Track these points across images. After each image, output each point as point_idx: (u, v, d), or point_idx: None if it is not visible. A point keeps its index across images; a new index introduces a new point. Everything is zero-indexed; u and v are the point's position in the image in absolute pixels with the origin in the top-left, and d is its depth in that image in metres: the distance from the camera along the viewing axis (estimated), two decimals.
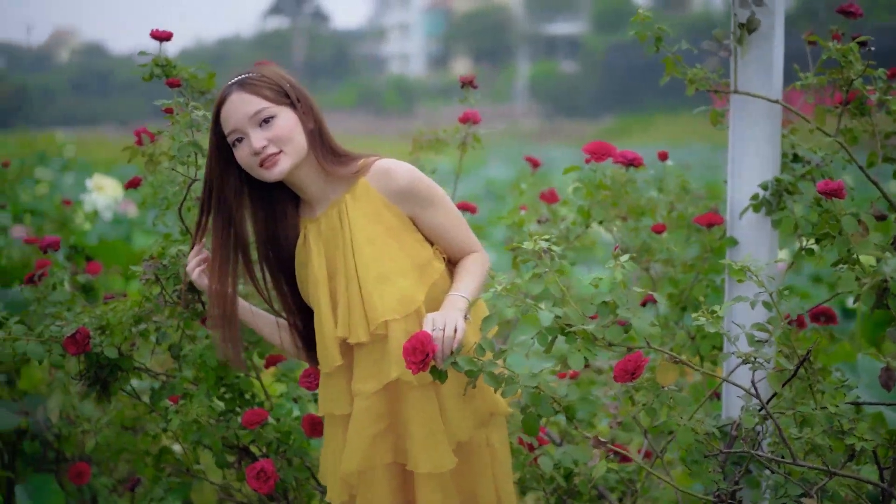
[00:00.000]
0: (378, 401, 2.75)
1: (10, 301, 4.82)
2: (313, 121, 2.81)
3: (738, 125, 3.09)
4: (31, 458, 4.65)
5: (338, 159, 2.83)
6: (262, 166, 2.72)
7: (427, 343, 2.49)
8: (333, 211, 2.81)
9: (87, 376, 3.33)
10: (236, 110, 2.72)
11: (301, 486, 3.47)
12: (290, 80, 2.81)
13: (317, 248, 2.83)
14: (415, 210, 2.79)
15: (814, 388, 2.81)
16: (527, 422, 2.62)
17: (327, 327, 2.80)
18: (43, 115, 56.44)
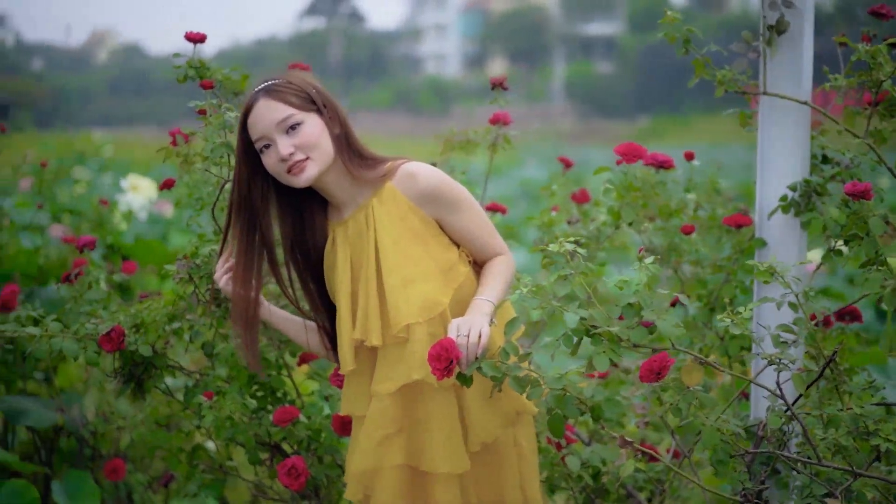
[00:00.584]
0: (393, 403, 2.77)
1: (47, 299, 4.88)
2: (339, 125, 2.83)
3: (767, 126, 3.10)
4: (68, 455, 4.71)
5: (364, 163, 2.84)
6: (290, 173, 2.75)
7: (451, 349, 2.51)
8: (360, 214, 2.83)
9: (121, 374, 3.38)
10: (263, 117, 2.75)
11: (331, 483, 3.51)
12: (316, 86, 2.83)
13: (343, 251, 2.86)
14: (440, 213, 2.81)
15: (840, 388, 2.82)
16: (552, 423, 2.63)
17: (345, 329, 2.83)
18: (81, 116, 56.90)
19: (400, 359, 2.74)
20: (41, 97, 57.32)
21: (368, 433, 2.78)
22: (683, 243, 3.59)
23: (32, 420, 4.33)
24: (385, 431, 2.77)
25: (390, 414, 2.77)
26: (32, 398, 4.49)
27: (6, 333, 3.17)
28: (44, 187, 5.84)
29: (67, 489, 4.06)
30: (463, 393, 2.78)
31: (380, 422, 2.77)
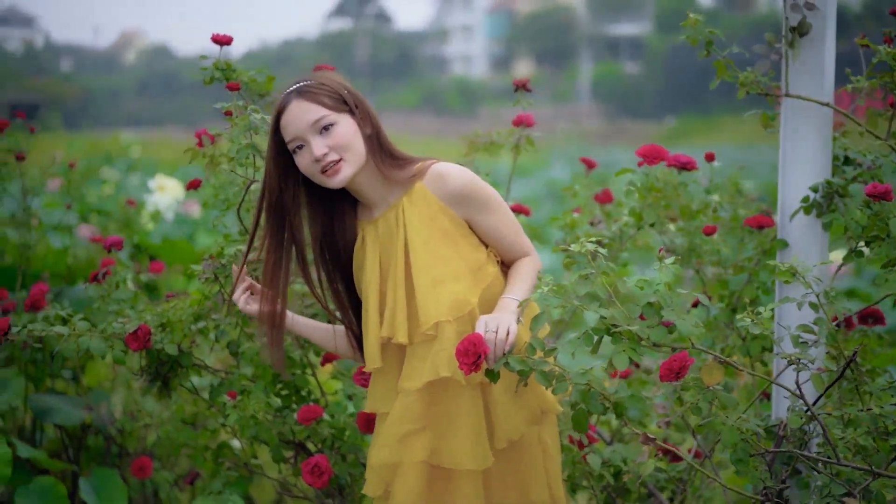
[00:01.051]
0: (419, 399, 2.79)
1: (75, 298, 4.93)
2: (371, 126, 2.85)
3: (789, 128, 3.11)
4: (95, 453, 4.75)
5: (395, 163, 2.87)
6: (325, 173, 2.77)
7: (479, 345, 2.53)
8: (391, 214, 2.86)
9: (148, 372, 3.42)
10: (296, 118, 2.77)
11: (355, 481, 3.53)
12: (348, 87, 2.85)
13: (373, 250, 2.88)
14: (470, 213, 2.83)
15: (860, 389, 2.83)
16: (576, 418, 2.65)
17: (373, 327, 2.85)
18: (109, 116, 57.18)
19: (428, 356, 2.76)
20: (70, 98, 57.67)
21: (391, 428, 2.81)
22: (705, 244, 3.60)
23: (60, 418, 4.37)
24: (408, 427, 2.79)
25: (415, 410, 2.79)
26: (60, 396, 4.53)
27: (35, 332, 3.20)
28: (72, 188, 5.88)
29: (95, 486, 4.10)
30: (489, 390, 2.80)
31: (404, 417, 2.80)
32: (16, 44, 71.76)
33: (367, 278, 2.88)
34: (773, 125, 3.24)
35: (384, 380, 2.90)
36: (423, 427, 2.80)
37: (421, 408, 2.79)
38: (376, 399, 2.93)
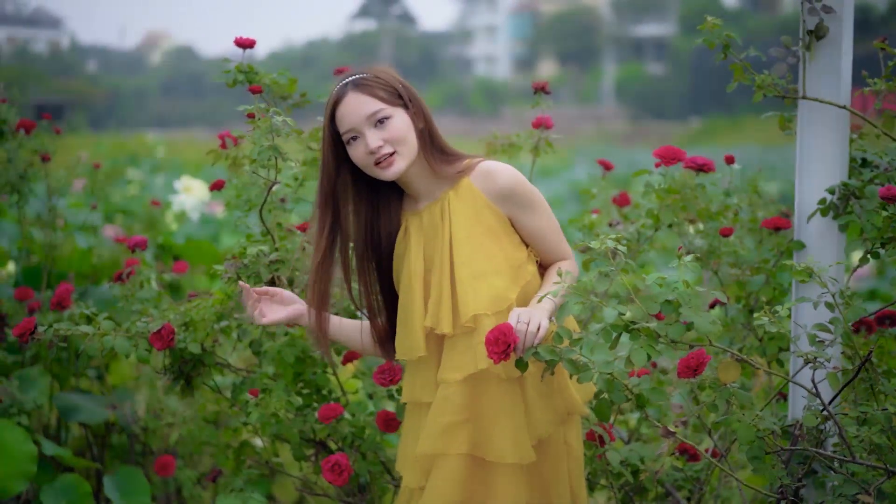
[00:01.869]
0: (459, 391, 2.82)
1: (100, 298, 4.97)
2: (423, 120, 2.91)
3: (806, 130, 3.12)
4: (119, 451, 4.80)
5: (445, 158, 2.93)
6: (378, 165, 2.83)
7: (509, 334, 2.57)
8: (436, 206, 2.91)
9: (171, 371, 3.46)
10: (352, 111, 2.82)
11: (375, 479, 3.56)
12: (402, 81, 2.92)
13: (416, 241, 2.93)
14: (514, 211, 2.87)
15: (875, 389, 2.85)
16: (600, 407, 2.68)
17: (417, 317, 2.89)
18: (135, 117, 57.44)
19: (468, 348, 2.80)
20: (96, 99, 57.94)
21: (435, 419, 2.84)
22: (723, 245, 3.61)
23: (85, 416, 4.41)
24: (451, 419, 2.83)
25: (456, 402, 2.82)
26: (85, 395, 4.58)
27: (60, 331, 3.25)
28: (97, 188, 5.93)
29: (119, 484, 4.14)
30: (524, 388, 2.84)
31: (445, 409, 2.83)
32: (42, 45, 72.18)
33: (411, 268, 2.92)
34: (791, 127, 3.26)
35: (423, 370, 2.94)
36: (466, 419, 2.83)
37: (462, 399, 2.82)
38: (415, 389, 2.96)
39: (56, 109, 40.59)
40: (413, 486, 2.95)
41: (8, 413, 3.99)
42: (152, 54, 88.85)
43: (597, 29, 71.53)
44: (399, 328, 2.96)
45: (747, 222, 3.76)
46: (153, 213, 7.54)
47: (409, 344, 2.91)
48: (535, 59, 74.99)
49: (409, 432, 3.02)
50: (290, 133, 3.30)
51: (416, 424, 2.98)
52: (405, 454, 3.02)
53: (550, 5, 76.15)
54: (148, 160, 20.87)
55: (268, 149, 3.18)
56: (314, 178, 3.59)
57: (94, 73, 71.04)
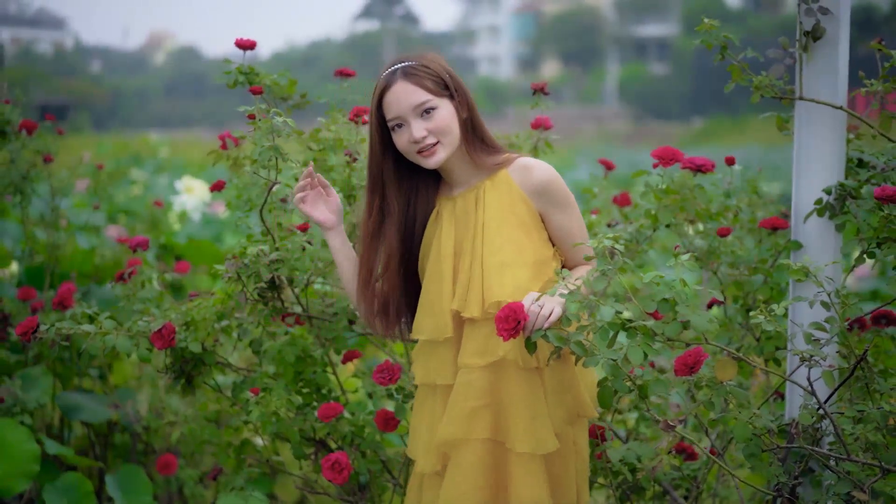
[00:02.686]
0: (481, 376, 2.85)
1: (103, 298, 5.00)
2: (467, 110, 2.96)
3: (803, 130, 3.14)
4: (122, 450, 4.83)
5: (485, 148, 2.98)
6: (421, 154, 2.89)
7: (519, 312, 2.60)
8: (471, 194, 2.96)
9: (172, 370, 3.48)
10: (399, 100, 2.87)
11: (374, 478, 3.58)
12: (450, 71, 2.96)
13: (448, 225, 2.97)
14: (547, 207, 2.91)
15: (870, 388, 2.87)
16: (603, 394, 2.69)
17: (445, 299, 2.92)
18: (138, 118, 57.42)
19: (491, 335, 2.82)
20: (99, 99, 57.94)
21: (457, 404, 2.87)
22: (721, 245, 3.63)
23: (87, 415, 4.44)
24: (474, 403, 2.85)
25: (479, 386, 2.85)
26: (88, 394, 4.60)
27: (63, 330, 3.27)
28: (99, 189, 5.95)
29: (121, 483, 4.16)
30: (542, 380, 2.86)
31: (469, 394, 2.86)
32: (46, 46, 72.17)
33: (441, 251, 2.96)
34: (788, 127, 3.27)
35: (442, 352, 2.96)
36: (487, 404, 2.86)
37: (484, 384, 2.85)
38: (430, 371, 2.99)
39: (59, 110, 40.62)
40: (427, 471, 2.97)
41: (11, 412, 4.01)
42: (155, 55, 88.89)
43: (599, 29, 71.46)
44: (422, 309, 2.99)
45: (747, 223, 3.77)
46: (156, 213, 7.56)
47: (433, 324, 2.94)
48: (538, 59, 74.94)
49: (420, 415, 3.05)
50: (291, 134, 3.32)
51: (429, 408, 3.01)
52: (417, 438, 3.04)
53: (553, 5, 76.11)
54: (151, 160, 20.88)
55: (268, 149, 3.20)
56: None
57: (97, 73, 71.01)
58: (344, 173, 3.52)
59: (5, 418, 3.92)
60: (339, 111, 3.65)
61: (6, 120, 4.60)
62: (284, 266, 3.28)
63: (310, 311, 3.55)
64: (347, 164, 3.52)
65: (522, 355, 2.79)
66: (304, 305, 3.54)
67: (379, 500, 3.69)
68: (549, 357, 2.74)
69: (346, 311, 3.53)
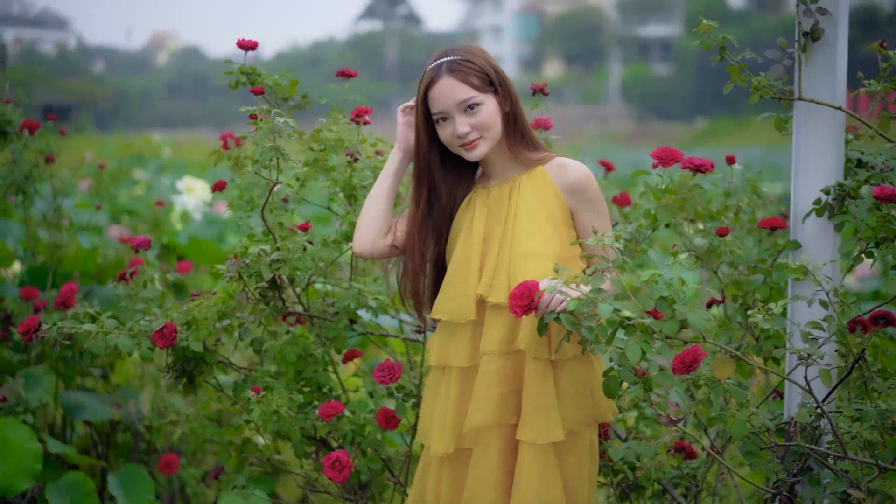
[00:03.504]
0: (507, 363, 2.88)
1: (105, 297, 5.02)
2: (510, 104, 3.00)
3: (802, 131, 3.15)
4: (124, 449, 4.85)
5: (525, 143, 3.03)
6: (462, 146, 2.95)
7: (534, 290, 2.63)
8: (506, 185, 3.01)
9: (174, 369, 3.49)
10: (445, 95, 2.92)
11: (375, 477, 3.60)
12: (494, 65, 3.01)
13: (480, 212, 3.02)
14: (578, 206, 2.95)
15: (868, 387, 2.88)
16: (608, 384, 2.70)
17: (471, 283, 2.95)
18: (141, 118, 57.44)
19: (514, 324, 2.86)
20: (102, 99, 57.98)
21: (488, 390, 2.89)
22: (721, 245, 3.64)
23: (90, 415, 4.46)
24: (502, 390, 2.89)
25: (506, 373, 2.88)
26: (90, 393, 4.62)
27: (65, 330, 3.28)
28: (102, 189, 5.97)
29: (123, 482, 4.18)
30: (559, 377, 2.88)
31: (496, 380, 2.89)
32: (49, 46, 72.24)
33: (471, 236, 3.00)
34: (787, 128, 3.29)
35: (458, 335, 2.98)
36: (514, 390, 2.89)
37: (508, 371, 2.89)
38: (448, 353, 3.01)
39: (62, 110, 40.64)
40: (439, 454, 2.98)
41: (13, 411, 4.03)
42: (158, 55, 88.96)
43: (602, 29, 71.47)
44: (445, 290, 3.02)
45: (747, 222, 3.79)
46: (158, 213, 7.58)
47: (456, 306, 2.97)
48: (541, 59, 74.97)
49: (433, 398, 3.06)
50: (292, 134, 3.34)
51: (443, 390, 3.02)
52: (430, 420, 3.06)
53: (556, 6, 76.13)
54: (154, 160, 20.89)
55: (270, 150, 3.21)
56: (315, 178, 3.63)
57: (100, 73, 71.07)
58: (345, 173, 3.54)
59: (8, 417, 3.94)
60: (341, 111, 3.66)
61: (8, 120, 4.63)
62: (286, 265, 3.29)
63: (311, 310, 3.57)
64: (349, 165, 3.53)
65: (535, 345, 2.82)
66: (305, 305, 3.55)
67: (380, 499, 3.71)
68: (559, 342, 2.77)
69: (347, 311, 3.54)
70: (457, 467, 3.00)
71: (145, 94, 67.46)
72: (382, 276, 3.62)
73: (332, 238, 3.54)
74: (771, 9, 63.31)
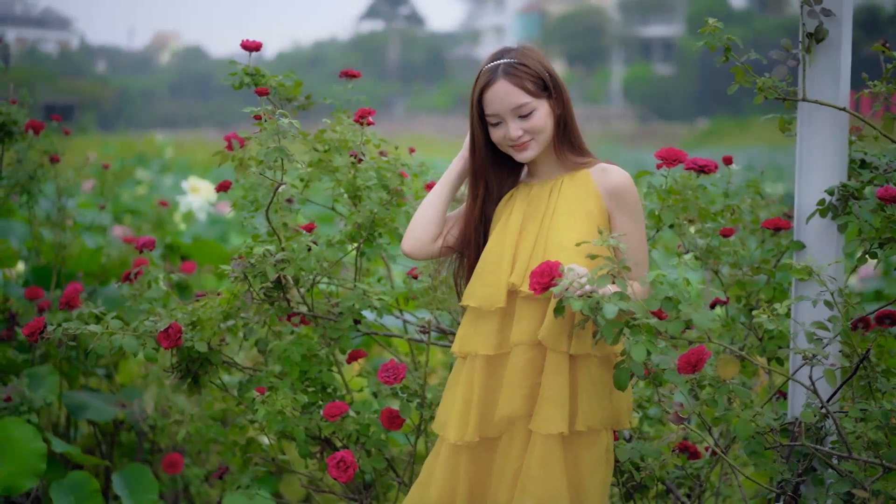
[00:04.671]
0: (538, 355, 2.89)
1: (109, 297, 5.03)
2: (562, 107, 3.03)
3: (806, 132, 3.16)
4: (128, 448, 4.86)
5: (572, 148, 3.06)
6: (513, 148, 3.00)
7: (555, 271, 2.63)
8: (548, 184, 3.04)
9: (178, 369, 3.49)
10: (500, 100, 2.96)
11: (379, 477, 3.60)
12: (549, 69, 3.02)
13: (520, 205, 3.05)
14: (615, 210, 2.96)
15: (873, 387, 2.88)
16: (618, 375, 2.70)
17: (503, 272, 2.97)
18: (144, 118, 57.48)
19: (542, 316, 2.87)
20: (105, 99, 58.01)
21: (517, 380, 2.91)
22: (724, 245, 3.65)
23: (94, 414, 4.47)
24: (532, 381, 2.90)
25: (537, 364, 2.90)
26: (94, 393, 4.63)
27: (70, 331, 3.29)
28: (105, 189, 5.98)
29: (127, 481, 4.19)
30: (577, 375, 2.89)
31: (528, 371, 2.90)
32: (52, 46, 72.25)
33: (508, 227, 3.02)
34: (791, 129, 3.29)
35: (485, 323, 2.99)
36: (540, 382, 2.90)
37: (539, 363, 2.90)
38: (475, 341, 3.01)
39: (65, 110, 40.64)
40: (457, 442, 2.98)
41: (18, 411, 4.04)
42: (161, 55, 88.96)
43: (604, 29, 71.43)
44: (476, 278, 3.04)
45: (749, 223, 3.79)
46: (161, 213, 7.59)
47: (486, 293, 2.98)
48: None
49: (455, 386, 3.07)
50: (297, 135, 3.34)
51: (465, 377, 3.02)
52: (450, 408, 3.05)
53: (558, 6, 76.09)
54: (156, 160, 20.93)
55: (274, 150, 3.22)
56: (320, 178, 3.64)
57: (102, 73, 71.05)
58: (349, 174, 3.54)
59: (12, 417, 3.95)
60: (345, 112, 3.67)
61: (13, 120, 4.63)
62: (291, 266, 3.30)
63: (315, 310, 3.57)
64: (353, 165, 3.54)
65: (553, 337, 2.82)
66: (309, 305, 3.56)
67: (384, 499, 3.72)
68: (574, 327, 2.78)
69: (352, 311, 3.54)
70: (474, 458, 3.01)
71: (147, 94, 67.47)
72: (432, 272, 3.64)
73: (336, 238, 3.54)
74: (773, 9, 63.26)
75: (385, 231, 3.58)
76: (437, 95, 64.82)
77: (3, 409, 4.03)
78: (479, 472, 3.00)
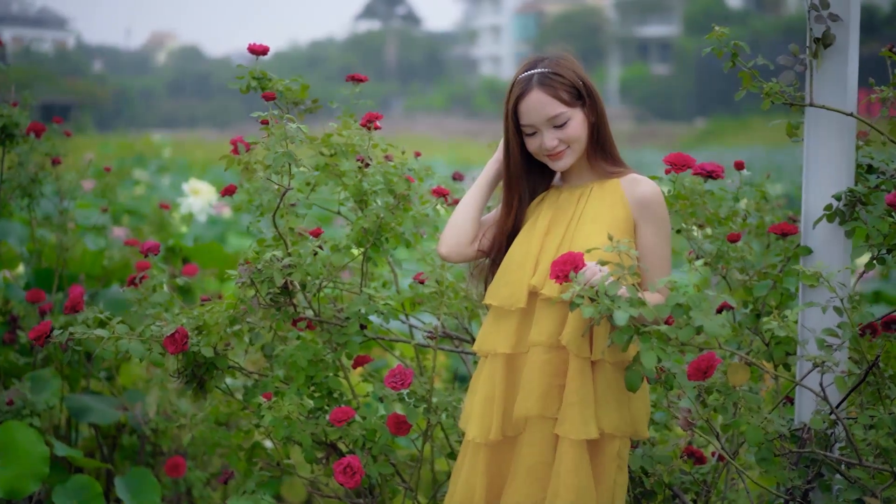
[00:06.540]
0: (556, 356, 2.90)
1: (111, 299, 5.01)
2: (596, 115, 3.05)
3: (813, 137, 3.15)
4: (130, 452, 4.85)
5: (604, 155, 3.08)
6: (549, 157, 3.02)
7: (578, 263, 2.62)
8: (577, 190, 3.06)
9: (184, 374, 3.49)
10: (535, 110, 2.97)
11: (385, 481, 3.60)
12: (583, 78, 3.05)
13: (548, 209, 3.07)
14: (642, 220, 2.96)
15: (882, 393, 2.88)
16: (630, 377, 2.70)
17: (525, 272, 2.98)
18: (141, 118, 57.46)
19: (564, 319, 2.88)
20: (102, 99, 57.97)
21: (533, 380, 2.92)
22: (731, 250, 3.64)
23: (96, 417, 4.46)
24: (549, 382, 2.91)
25: (554, 365, 2.90)
26: (96, 396, 4.62)
27: (76, 335, 3.28)
28: (108, 190, 5.96)
29: (129, 485, 4.18)
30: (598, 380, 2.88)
31: (545, 371, 2.91)
32: (48, 45, 72.21)
33: (535, 229, 3.04)
34: (798, 134, 3.28)
35: (507, 322, 3.01)
36: (560, 384, 2.91)
37: (557, 365, 2.90)
38: (496, 340, 3.02)
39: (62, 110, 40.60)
40: (480, 441, 2.99)
41: (20, 414, 4.03)
42: (158, 54, 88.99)
43: (602, 29, 71.50)
44: (500, 277, 3.06)
45: (755, 227, 3.79)
46: (162, 215, 7.57)
47: (508, 292, 3.00)
48: None
49: (480, 384, 3.07)
50: (304, 140, 3.34)
51: (486, 375, 3.04)
52: (470, 407, 3.07)
53: (555, 6, 76.14)
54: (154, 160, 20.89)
55: (282, 156, 3.21)
56: (326, 183, 3.63)
57: (100, 73, 71.00)
58: (355, 178, 3.53)
59: (15, 420, 3.94)
60: (351, 116, 3.66)
61: (14, 123, 4.61)
62: (297, 271, 3.29)
63: (321, 315, 3.56)
64: (359, 170, 3.53)
65: (576, 343, 2.83)
66: (315, 310, 3.55)
67: (388, 503, 3.70)
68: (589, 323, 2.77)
69: (358, 316, 3.53)
70: (493, 457, 3.02)
71: (145, 94, 67.48)
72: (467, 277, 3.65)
73: (342, 243, 3.53)
74: (770, 9, 63.34)
75: (391, 236, 3.57)
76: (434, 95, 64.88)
77: (5, 412, 4.02)
78: (497, 470, 3.02)
